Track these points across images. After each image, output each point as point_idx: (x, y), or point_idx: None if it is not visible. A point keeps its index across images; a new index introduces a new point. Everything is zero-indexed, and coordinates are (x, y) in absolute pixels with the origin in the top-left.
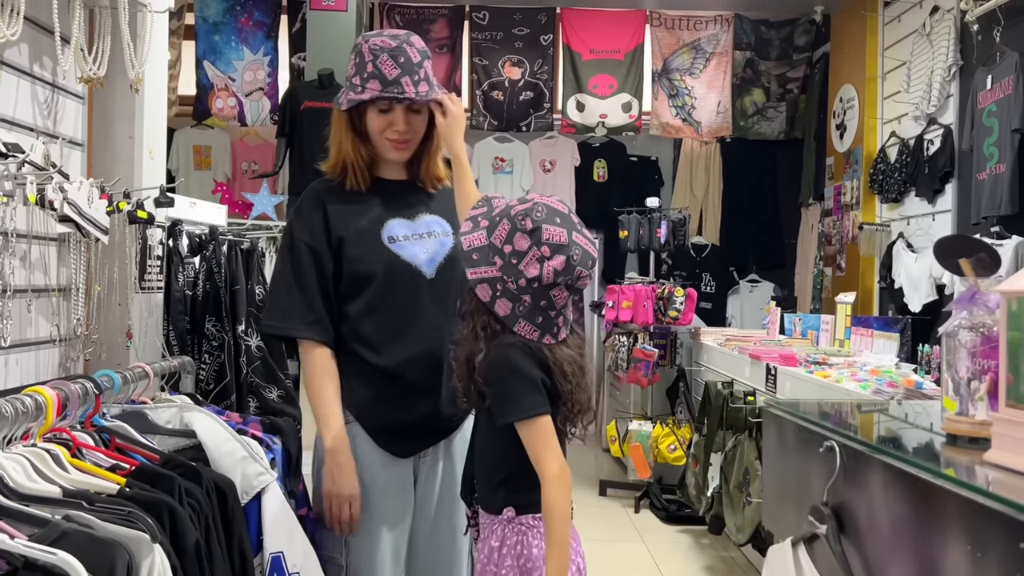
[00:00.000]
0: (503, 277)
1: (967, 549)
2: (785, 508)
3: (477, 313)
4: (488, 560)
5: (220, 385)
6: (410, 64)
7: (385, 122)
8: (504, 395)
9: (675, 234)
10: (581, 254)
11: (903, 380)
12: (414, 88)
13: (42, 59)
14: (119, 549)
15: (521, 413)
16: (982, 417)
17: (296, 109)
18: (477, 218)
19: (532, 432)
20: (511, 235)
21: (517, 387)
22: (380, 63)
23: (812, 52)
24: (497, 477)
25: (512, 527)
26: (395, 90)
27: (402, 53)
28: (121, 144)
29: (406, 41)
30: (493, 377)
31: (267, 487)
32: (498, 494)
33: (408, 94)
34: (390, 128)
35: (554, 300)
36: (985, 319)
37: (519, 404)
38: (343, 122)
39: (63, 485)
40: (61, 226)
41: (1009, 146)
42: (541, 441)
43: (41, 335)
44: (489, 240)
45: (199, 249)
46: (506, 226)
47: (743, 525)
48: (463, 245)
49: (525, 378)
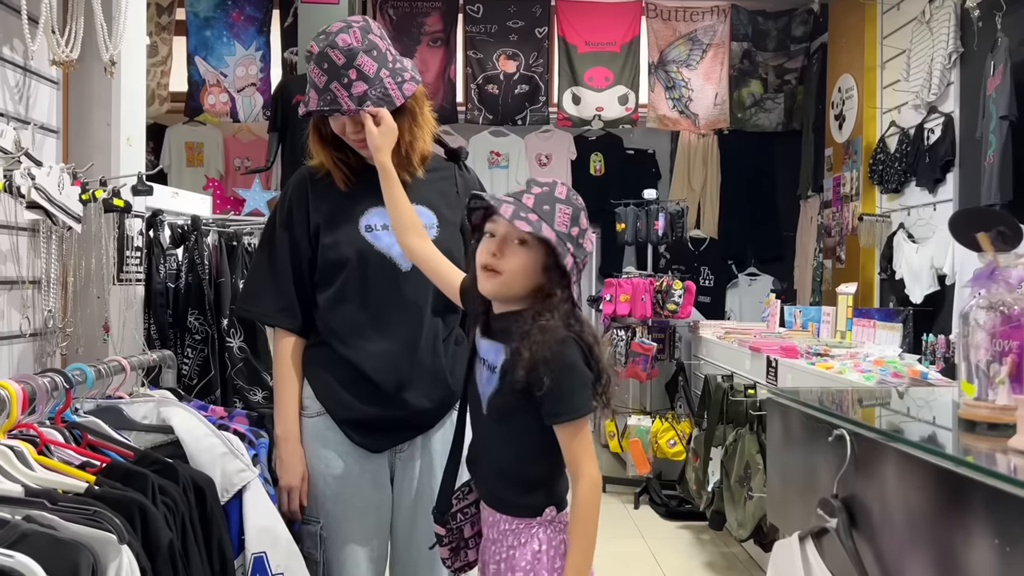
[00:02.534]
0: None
1: (994, 543)
2: (791, 501)
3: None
4: (531, 568)
5: (204, 380)
6: (335, 68)
7: (339, 127)
8: (558, 392)
9: (673, 227)
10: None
11: (908, 370)
12: (345, 92)
13: (12, 41)
14: (83, 551)
15: (574, 413)
16: (1003, 402)
17: (288, 104)
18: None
19: (577, 433)
20: (576, 216)
21: (571, 385)
22: (311, 72)
23: (810, 42)
24: (535, 476)
25: (555, 527)
26: (328, 97)
27: (325, 58)
28: (98, 131)
29: (330, 44)
30: (546, 371)
31: (249, 484)
32: (536, 495)
33: (341, 102)
34: (345, 132)
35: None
36: (1005, 296)
37: (570, 403)
38: (311, 128)
39: (26, 483)
40: (30, 213)
41: (999, 133)
42: (585, 442)
43: (13, 329)
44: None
45: (181, 240)
46: (567, 211)
47: (744, 520)
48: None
49: (578, 376)
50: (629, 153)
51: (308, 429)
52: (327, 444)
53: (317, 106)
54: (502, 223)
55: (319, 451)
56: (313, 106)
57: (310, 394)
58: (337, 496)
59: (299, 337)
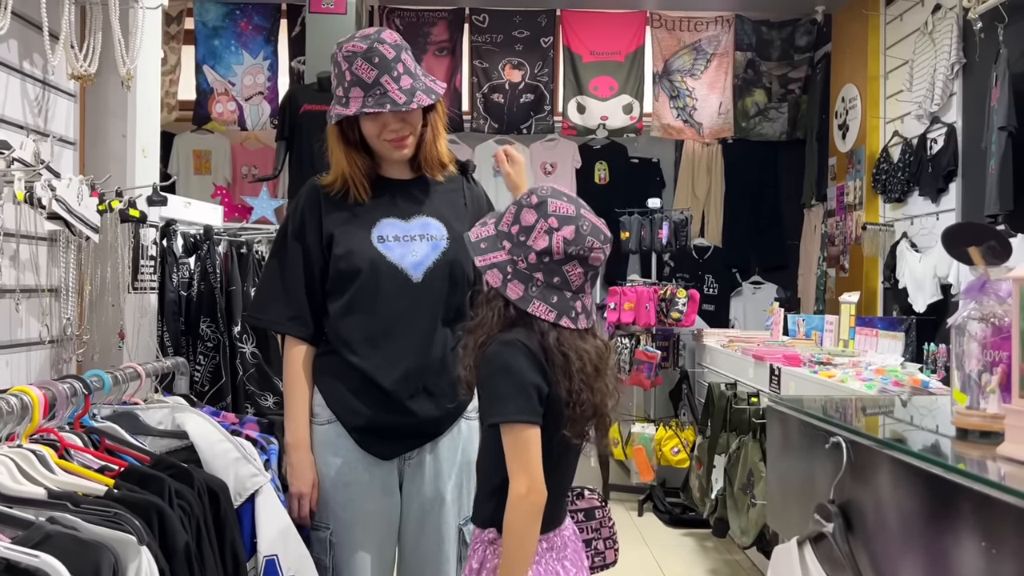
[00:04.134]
0: (512, 258)
1: (981, 545)
2: (790, 507)
3: (492, 301)
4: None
5: (215, 387)
6: (385, 62)
7: (379, 125)
8: (491, 394)
9: (677, 235)
10: (591, 227)
11: (909, 379)
12: (396, 86)
13: (32, 56)
14: (104, 551)
15: (504, 416)
16: (994, 410)
17: (295, 112)
18: (485, 220)
19: (510, 439)
20: (518, 214)
21: (505, 387)
22: (356, 68)
23: (813, 52)
24: (491, 485)
25: (493, 549)
26: (378, 92)
27: (375, 53)
28: (114, 142)
29: (376, 39)
30: (485, 373)
31: (261, 489)
32: (487, 506)
33: (394, 96)
34: (386, 130)
35: (568, 277)
36: (996, 309)
37: (503, 406)
38: (335, 136)
39: (48, 486)
40: (50, 224)
41: (998, 144)
42: (517, 452)
43: (32, 336)
44: (496, 228)
45: (194, 249)
46: (512, 210)
47: (748, 527)
48: (470, 237)
49: (516, 379)
50: (633, 162)
51: (318, 436)
52: (337, 451)
53: (364, 105)
54: None
55: (329, 458)
56: (357, 107)
57: (320, 402)
58: (347, 503)
59: (310, 345)
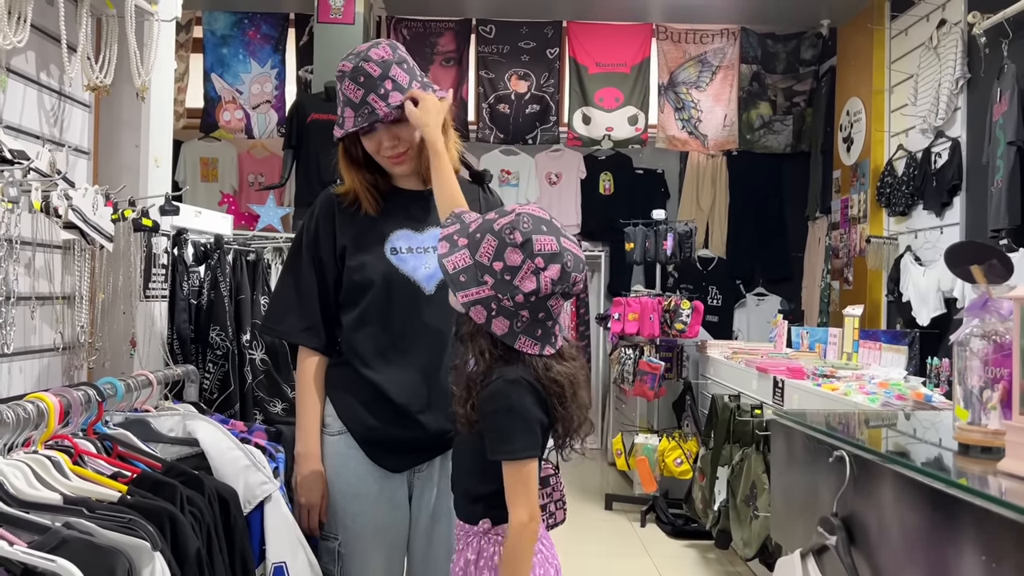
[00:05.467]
0: (496, 295)
1: (981, 559)
2: (794, 519)
3: (475, 336)
4: (464, 573)
5: (224, 394)
6: (371, 80)
7: (374, 143)
8: (497, 432)
9: (681, 246)
10: (573, 260)
11: (912, 393)
12: (383, 103)
13: (49, 67)
14: (119, 557)
15: (511, 455)
16: (995, 426)
17: (303, 121)
18: (452, 236)
19: (514, 475)
20: (500, 251)
21: (512, 426)
22: (345, 89)
23: (819, 65)
24: (478, 492)
25: (488, 538)
26: (365, 111)
27: (360, 72)
28: (127, 152)
29: (363, 58)
30: (490, 410)
31: (270, 496)
32: (476, 506)
33: (379, 112)
34: (381, 147)
35: (551, 310)
36: (998, 326)
37: (510, 444)
38: (341, 154)
39: (64, 492)
40: (66, 233)
41: (1007, 158)
42: (521, 486)
43: (45, 343)
44: (475, 259)
45: (204, 258)
46: (492, 242)
47: (750, 539)
48: (447, 268)
49: (520, 417)
50: (638, 173)
51: (329, 447)
52: (347, 463)
53: (354, 124)
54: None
55: (339, 469)
56: (350, 125)
57: (332, 413)
58: (356, 514)
59: (322, 356)
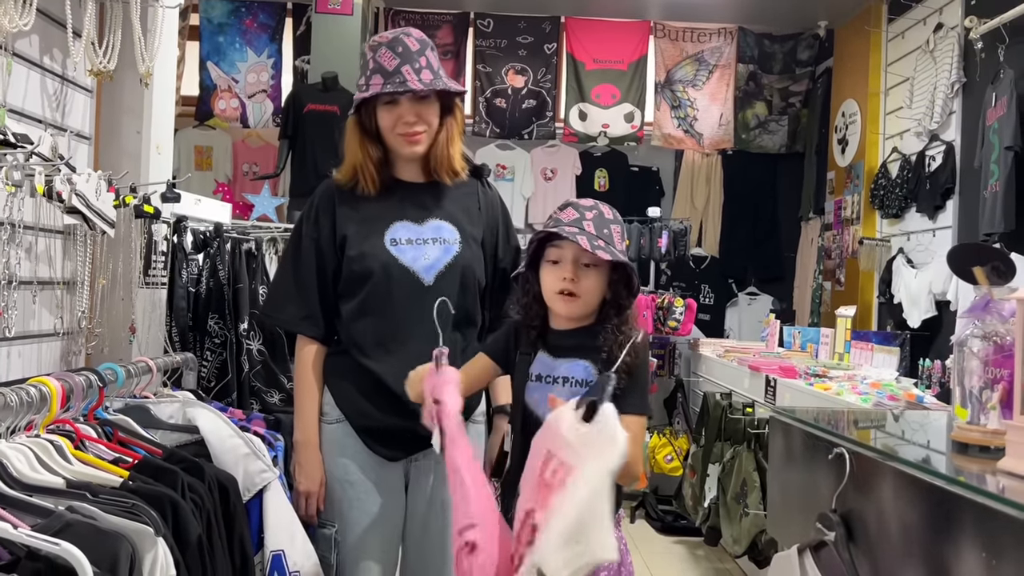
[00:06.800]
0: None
1: (981, 556)
2: (791, 516)
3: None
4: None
5: (221, 383)
6: (409, 52)
7: (394, 116)
8: (643, 386)
9: (676, 245)
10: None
11: (904, 393)
12: (416, 76)
13: (52, 51)
14: (123, 541)
15: (647, 409)
16: (994, 426)
17: (299, 112)
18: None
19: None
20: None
21: (646, 383)
22: (379, 56)
23: (815, 67)
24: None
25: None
26: (397, 80)
27: (399, 43)
28: (128, 139)
29: (404, 32)
30: (641, 360)
31: (269, 485)
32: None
33: (411, 84)
34: (400, 122)
35: None
36: (998, 328)
37: (647, 400)
38: (353, 124)
39: (66, 476)
40: (68, 218)
41: (1003, 163)
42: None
43: (44, 327)
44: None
45: (203, 246)
46: (617, 229)
47: (740, 536)
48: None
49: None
50: (633, 170)
51: (327, 435)
52: (345, 451)
53: (383, 89)
54: (569, 249)
55: (337, 458)
56: (377, 90)
57: (330, 401)
58: (353, 502)
59: (321, 345)
